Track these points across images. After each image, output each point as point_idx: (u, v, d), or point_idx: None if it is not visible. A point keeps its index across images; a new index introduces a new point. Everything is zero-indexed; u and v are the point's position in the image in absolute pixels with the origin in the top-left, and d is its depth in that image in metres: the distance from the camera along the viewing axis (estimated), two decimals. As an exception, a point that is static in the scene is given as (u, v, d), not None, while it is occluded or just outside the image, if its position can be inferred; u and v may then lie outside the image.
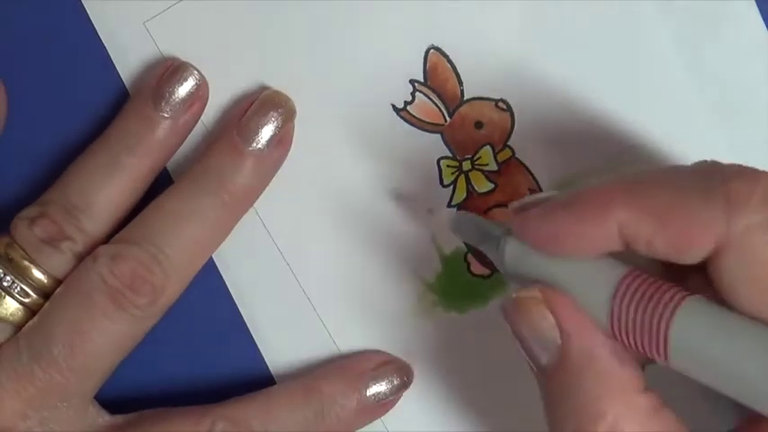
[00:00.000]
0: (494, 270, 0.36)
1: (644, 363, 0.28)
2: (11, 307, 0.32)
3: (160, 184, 0.34)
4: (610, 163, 0.35)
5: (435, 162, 0.36)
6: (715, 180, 0.26)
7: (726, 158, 0.35)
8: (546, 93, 0.35)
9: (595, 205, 0.27)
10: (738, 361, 0.24)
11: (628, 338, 0.27)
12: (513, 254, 0.29)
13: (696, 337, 0.25)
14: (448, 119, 0.35)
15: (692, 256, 0.26)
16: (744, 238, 0.25)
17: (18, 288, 0.32)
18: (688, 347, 0.25)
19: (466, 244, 0.35)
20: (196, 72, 0.34)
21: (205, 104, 0.35)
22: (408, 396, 0.35)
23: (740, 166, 0.26)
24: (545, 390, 0.28)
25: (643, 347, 0.26)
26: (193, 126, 0.35)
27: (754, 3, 0.35)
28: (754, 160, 0.35)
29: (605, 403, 0.26)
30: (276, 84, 0.35)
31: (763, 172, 0.26)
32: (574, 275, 0.28)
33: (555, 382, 0.28)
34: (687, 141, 0.35)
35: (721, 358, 0.25)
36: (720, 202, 0.25)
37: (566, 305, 0.28)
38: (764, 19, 0.35)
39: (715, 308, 0.25)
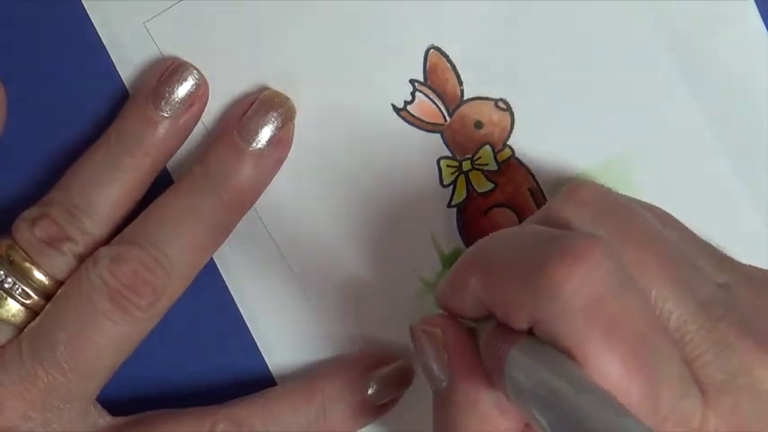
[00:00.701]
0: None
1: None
2: (12, 308, 0.32)
3: (160, 184, 0.34)
4: (609, 163, 0.35)
5: (435, 162, 0.36)
6: (540, 257, 0.25)
7: (725, 159, 0.35)
8: (546, 93, 0.35)
9: (453, 274, 0.29)
10: (546, 405, 0.24)
11: (495, 384, 0.27)
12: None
13: (521, 378, 0.25)
14: (448, 119, 0.35)
15: (518, 327, 0.26)
16: (550, 326, 0.25)
17: (19, 289, 0.32)
18: (516, 388, 0.25)
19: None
20: (196, 72, 0.34)
21: (205, 104, 0.35)
22: (408, 396, 0.35)
23: (570, 241, 0.25)
24: (433, 413, 0.29)
25: (500, 389, 0.27)
26: (193, 126, 0.35)
27: (753, 3, 0.35)
28: (753, 161, 0.35)
29: None
30: (276, 84, 0.35)
31: (590, 252, 0.25)
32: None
33: (441, 411, 0.28)
34: (686, 141, 0.35)
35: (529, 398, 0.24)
36: (530, 290, 0.25)
37: (461, 348, 0.28)
38: (764, 19, 0.35)
39: (541, 352, 0.25)
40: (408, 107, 0.35)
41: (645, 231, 0.28)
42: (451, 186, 0.36)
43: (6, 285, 0.32)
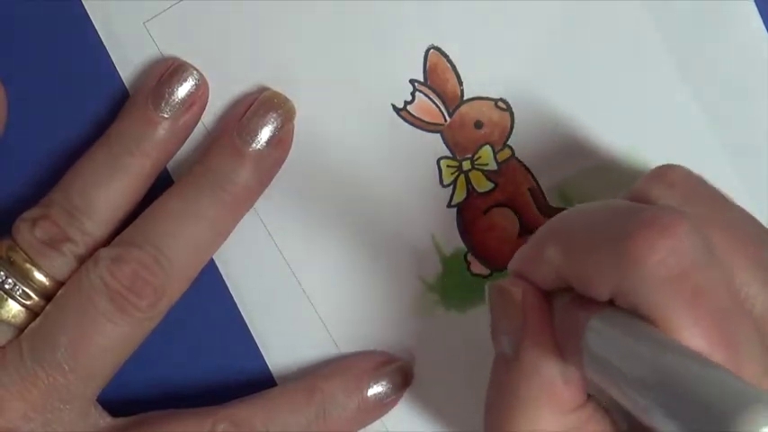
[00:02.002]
0: (493, 270, 0.36)
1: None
2: (13, 309, 0.32)
3: (160, 184, 0.34)
4: (609, 163, 0.35)
5: (435, 162, 0.36)
6: (624, 229, 0.26)
7: (724, 160, 0.35)
8: (546, 92, 0.35)
9: (532, 245, 0.29)
10: (630, 370, 0.24)
11: (566, 356, 0.27)
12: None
13: (602, 346, 0.25)
14: (448, 118, 0.35)
15: (599, 298, 0.26)
16: (632, 297, 0.25)
17: (20, 290, 0.32)
18: (596, 356, 0.25)
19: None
20: (196, 72, 0.34)
21: (205, 105, 0.35)
22: (408, 396, 0.36)
23: (655, 214, 0.26)
24: (493, 371, 0.29)
25: (573, 361, 0.27)
26: (193, 127, 0.35)
27: (752, 3, 0.35)
28: (752, 161, 0.35)
29: (536, 413, 0.27)
30: (276, 84, 0.35)
31: (676, 225, 0.25)
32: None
33: (504, 373, 0.29)
34: (685, 142, 0.35)
35: (616, 367, 0.24)
36: (614, 259, 0.25)
37: (537, 313, 0.28)
38: (764, 19, 0.35)
39: (623, 319, 0.25)
40: (408, 107, 0.35)
41: (730, 217, 0.28)
42: (451, 186, 0.36)
43: (7, 286, 0.32)
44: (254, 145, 0.33)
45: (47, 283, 0.32)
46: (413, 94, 0.35)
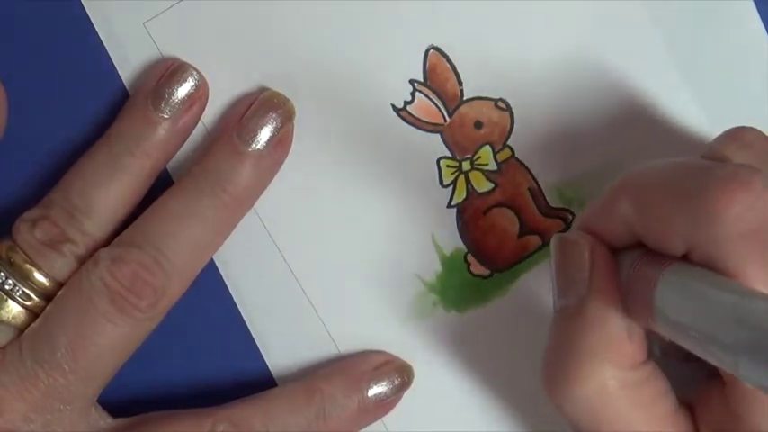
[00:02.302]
0: (493, 270, 0.36)
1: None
2: (13, 310, 0.32)
3: (160, 184, 0.34)
4: (609, 163, 0.35)
5: (435, 162, 0.36)
6: (700, 184, 0.26)
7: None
8: (546, 92, 0.35)
9: (604, 199, 0.29)
10: (709, 320, 0.24)
11: (632, 311, 0.27)
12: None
13: (676, 298, 0.26)
14: (447, 119, 0.35)
15: (672, 253, 0.27)
16: (708, 251, 0.25)
17: (20, 291, 0.32)
18: (669, 308, 0.26)
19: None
20: (195, 73, 0.34)
21: (205, 105, 0.35)
22: (408, 396, 0.36)
23: (734, 170, 0.26)
24: (554, 327, 0.29)
25: (640, 316, 0.27)
26: (193, 127, 0.35)
27: (752, 3, 0.35)
28: (752, 161, 0.35)
29: (598, 366, 0.28)
30: (276, 84, 0.35)
31: (755, 181, 0.26)
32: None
33: (565, 326, 0.29)
34: (687, 142, 0.35)
35: (696, 317, 0.25)
36: (691, 212, 0.26)
37: (605, 267, 0.29)
38: (764, 19, 0.35)
39: (698, 272, 0.26)
40: (408, 107, 0.35)
41: None
42: (451, 186, 0.36)
43: (7, 287, 0.32)
44: (253, 145, 0.33)
45: (47, 284, 0.32)
46: (413, 95, 0.35)
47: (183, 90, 0.34)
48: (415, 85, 0.35)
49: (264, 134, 0.34)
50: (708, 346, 0.24)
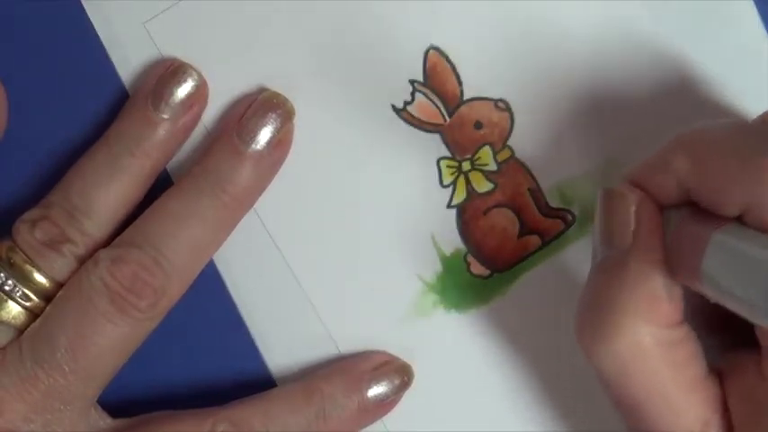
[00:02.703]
0: (493, 270, 0.36)
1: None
2: (13, 310, 0.32)
3: (160, 184, 0.34)
4: (609, 163, 0.35)
5: (435, 162, 0.36)
6: (763, 145, 0.26)
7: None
8: (546, 93, 0.35)
9: (658, 154, 0.29)
10: (763, 285, 0.24)
11: (677, 270, 0.27)
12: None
13: (727, 260, 0.25)
14: (447, 119, 0.35)
15: (726, 213, 0.26)
16: (764, 212, 0.25)
17: (20, 292, 0.32)
18: (718, 270, 0.25)
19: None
20: (195, 73, 0.34)
21: (205, 105, 0.35)
22: (408, 396, 0.36)
23: None
24: (593, 278, 0.29)
25: (684, 275, 0.27)
26: (193, 127, 0.34)
27: (752, 3, 0.35)
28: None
29: (635, 321, 0.27)
30: (276, 84, 0.35)
31: None
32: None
33: (606, 278, 0.29)
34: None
35: (745, 277, 0.25)
36: (752, 170, 0.26)
37: (651, 222, 0.29)
38: (764, 19, 0.35)
39: (752, 234, 0.26)
40: (408, 107, 0.35)
41: None
42: (451, 187, 0.36)
43: (7, 287, 0.32)
44: (253, 146, 0.33)
45: (47, 285, 0.32)
46: (412, 95, 0.35)
47: (182, 90, 0.34)
48: (415, 85, 0.35)
49: (264, 134, 0.34)
50: (758, 311, 0.24)
